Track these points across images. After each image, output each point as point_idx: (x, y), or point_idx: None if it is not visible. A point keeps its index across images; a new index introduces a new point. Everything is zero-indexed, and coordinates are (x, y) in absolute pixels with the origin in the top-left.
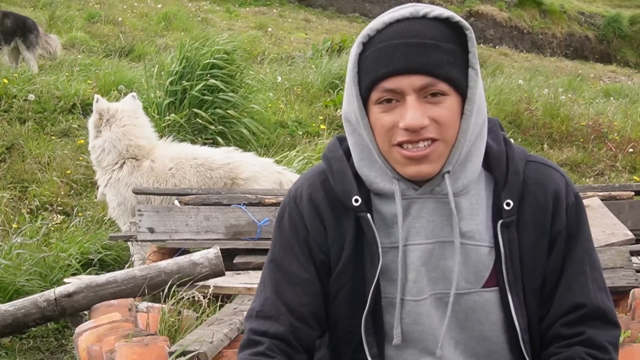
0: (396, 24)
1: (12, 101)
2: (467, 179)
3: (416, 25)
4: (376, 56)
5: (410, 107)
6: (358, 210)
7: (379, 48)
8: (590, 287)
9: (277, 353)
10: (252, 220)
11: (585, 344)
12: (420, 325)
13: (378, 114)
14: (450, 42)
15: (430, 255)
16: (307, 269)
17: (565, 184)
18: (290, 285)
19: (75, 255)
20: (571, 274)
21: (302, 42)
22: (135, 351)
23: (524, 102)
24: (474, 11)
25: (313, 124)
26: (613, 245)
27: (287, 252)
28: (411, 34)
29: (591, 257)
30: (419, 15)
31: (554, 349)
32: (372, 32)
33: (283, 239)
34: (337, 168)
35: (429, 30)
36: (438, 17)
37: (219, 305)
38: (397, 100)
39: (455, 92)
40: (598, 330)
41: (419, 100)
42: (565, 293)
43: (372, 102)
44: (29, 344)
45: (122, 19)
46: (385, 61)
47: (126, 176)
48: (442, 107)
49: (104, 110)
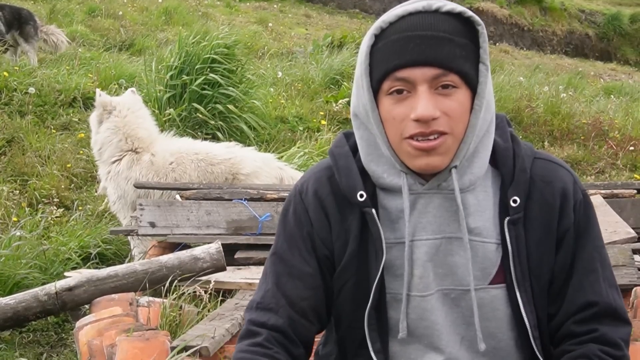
0: (409, 17)
1: (12, 94)
2: (474, 174)
3: (429, 18)
4: (389, 48)
5: (422, 98)
6: (363, 205)
7: (392, 40)
8: (602, 285)
9: (275, 345)
10: (253, 215)
11: (598, 340)
12: (426, 321)
13: (389, 106)
14: (463, 37)
15: (437, 251)
16: (310, 262)
17: (572, 182)
18: (291, 279)
19: (75, 249)
20: (582, 272)
21: (303, 37)
22: (136, 346)
23: (525, 99)
24: (474, 8)
25: (314, 120)
26: (615, 243)
27: (290, 246)
28: (424, 27)
29: (601, 254)
30: (432, 9)
31: (567, 346)
32: (384, 24)
33: (287, 232)
34: (343, 164)
35: (442, 24)
36: (451, 12)
37: (220, 300)
38: (408, 91)
39: (465, 86)
40: (610, 328)
41: (431, 91)
42: (576, 291)
43: (383, 93)
44: (29, 338)
45: (123, 13)
46: (398, 53)
47: (125, 169)
48: (452, 99)
49: (106, 104)
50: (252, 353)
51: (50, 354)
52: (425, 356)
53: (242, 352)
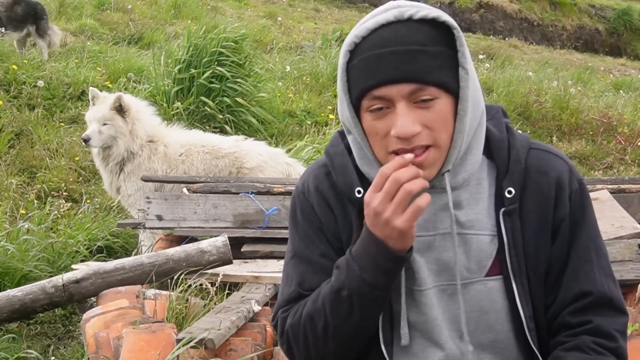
0: (381, 30)
1: (21, 87)
2: (468, 172)
3: (401, 29)
4: (362, 66)
5: (401, 115)
6: (362, 201)
7: (365, 57)
8: (597, 274)
9: None
10: (260, 208)
11: (592, 332)
12: (425, 316)
13: (371, 122)
14: (438, 44)
15: (430, 247)
16: (329, 255)
17: (568, 171)
18: (316, 274)
19: (83, 242)
20: (577, 261)
21: (312, 31)
22: (143, 338)
23: (534, 94)
24: (484, 3)
25: (322, 114)
26: (622, 238)
27: (307, 244)
28: (396, 41)
29: (597, 244)
30: (404, 18)
31: (562, 337)
32: (357, 39)
33: (300, 232)
34: (339, 163)
35: (414, 35)
36: (424, 18)
37: (227, 293)
38: (387, 107)
39: (446, 94)
40: (605, 318)
41: (409, 106)
42: (571, 281)
43: (363, 109)
44: (37, 330)
45: (132, 7)
46: (372, 71)
47: (146, 160)
48: (433, 111)
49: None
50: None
51: (58, 345)
52: (426, 350)
53: (289, 311)
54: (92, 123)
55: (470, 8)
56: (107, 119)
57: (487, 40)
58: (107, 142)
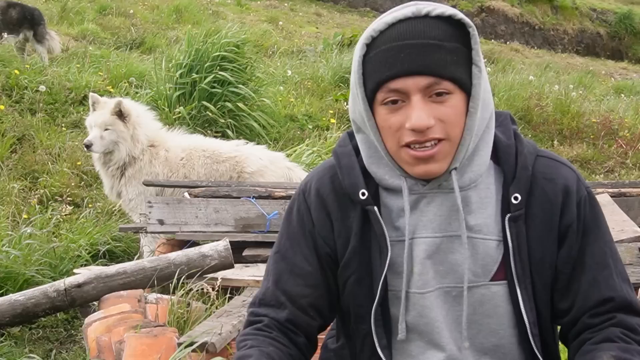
0: (398, 25)
1: (23, 92)
2: (475, 172)
3: (418, 25)
4: (380, 58)
5: (416, 108)
6: (365, 203)
7: (382, 50)
8: (616, 280)
9: (275, 330)
10: (261, 213)
11: (618, 325)
12: (425, 318)
13: (384, 115)
14: (453, 41)
15: (437, 249)
16: (311, 261)
17: (576, 179)
18: (292, 276)
19: (85, 247)
20: (595, 268)
21: (313, 36)
22: (144, 342)
23: (535, 98)
24: (485, 7)
25: (323, 118)
26: (622, 242)
27: (292, 244)
28: (414, 35)
29: (612, 249)
30: (421, 15)
31: (587, 334)
32: (375, 33)
33: (290, 231)
34: (346, 163)
35: (431, 30)
36: (440, 16)
37: (228, 297)
38: (402, 101)
39: (459, 90)
40: (627, 316)
41: (424, 100)
42: (591, 287)
43: (377, 103)
44: (39, 334)
45: (134, 11)
46: (389, 63)
47: (147, 165)
48: (447, 106)
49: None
50: (254, 335)
51: (60, 350)
52: (426, 353)
53: (245, 335)
54: (93, 129)
55: (471, 12)
56: (109, 124)
57: (489, 44)
58: (109, 147)
